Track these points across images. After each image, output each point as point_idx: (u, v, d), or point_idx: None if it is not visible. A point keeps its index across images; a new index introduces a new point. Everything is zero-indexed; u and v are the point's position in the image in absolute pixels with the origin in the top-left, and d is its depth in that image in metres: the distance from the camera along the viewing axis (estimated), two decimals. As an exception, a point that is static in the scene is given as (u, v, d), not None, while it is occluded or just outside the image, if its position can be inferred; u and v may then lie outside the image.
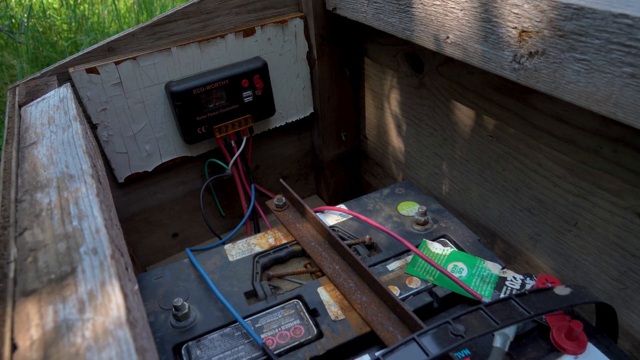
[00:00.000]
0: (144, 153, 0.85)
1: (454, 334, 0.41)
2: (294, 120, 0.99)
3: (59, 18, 2.88)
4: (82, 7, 2.85)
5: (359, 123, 1.06)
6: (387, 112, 0.95)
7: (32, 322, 0.32)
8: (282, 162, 1.08)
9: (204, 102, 0.83)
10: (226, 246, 0.68)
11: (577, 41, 0.45)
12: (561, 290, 0.47)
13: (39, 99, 0.66)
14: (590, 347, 0.51)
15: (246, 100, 0.87)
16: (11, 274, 0.36)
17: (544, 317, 0.53)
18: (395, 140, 0.96)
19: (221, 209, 1.03)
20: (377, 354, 0.41)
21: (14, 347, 0.31)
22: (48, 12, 2.87)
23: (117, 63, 0.75)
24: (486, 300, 0.56)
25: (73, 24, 2.70)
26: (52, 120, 0.59)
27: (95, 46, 0.75)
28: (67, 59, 0.74)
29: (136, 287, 0.43)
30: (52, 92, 0.67)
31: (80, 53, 0.74)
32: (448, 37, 0.61)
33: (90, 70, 0.74)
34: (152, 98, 0.81)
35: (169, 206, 0.97)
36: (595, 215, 0.60)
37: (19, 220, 0.42)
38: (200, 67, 0.83)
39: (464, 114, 0.75)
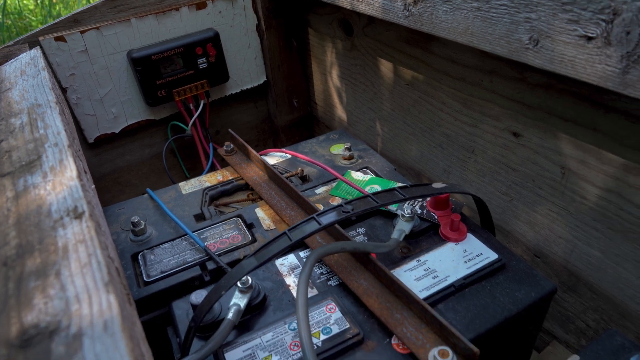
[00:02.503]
0: (111, 115, 0.96)
1: (344, 211, 0.53)
2: (248, 87, 1.10)
3: (34, 19, 2.95)
4: (57, 7, 2.93)
5: (309, 90, 1.18)
6: (330, 77, 1.07)
7: (7, 188, 0.43)
8: (241, 128, 1.19)
9: (162, 67, 0.93)
10: (180, 183, 0.79)
11: (442, -14, 0.57)
12: (437, 185, 0.59)
13: (12, 60, 0.76)
14: (470, 236, 0.62)
15: (201, 66, 0.97)
16: (-10, 167, 0.47)
17: (436, 217, 0.65)
18: (338, 102, 1.08)
19: (185, 171, 1.13)
20: (285, 230, 0.52)
21: (-7, 203, 0.41)
22: (24, 14, 2.93)
23: (82, 32, 0.86)
24: (392, 209, 0.67)
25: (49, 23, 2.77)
26: (24, 73, 0.69)
27: (63, 18, 0.85)
28: (37, 30, 0.84)
29: (93, 186, 0.53)
30: (24, 54, 0.77)
31: (48, 24, 0.85)
32: (360, -4, 0.72)
33: (58, 39, 0.84)
34: (116, 65, 0.92)
35: (137, 167, 1.07)
36: (485, 139, 0.72)
37: (-4, 137, 0.53)
38: (158, 36, 0.94)
39: (386, 68, 0.87)
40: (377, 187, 0.72)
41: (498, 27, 0.52)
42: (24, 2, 3.10)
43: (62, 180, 0.41)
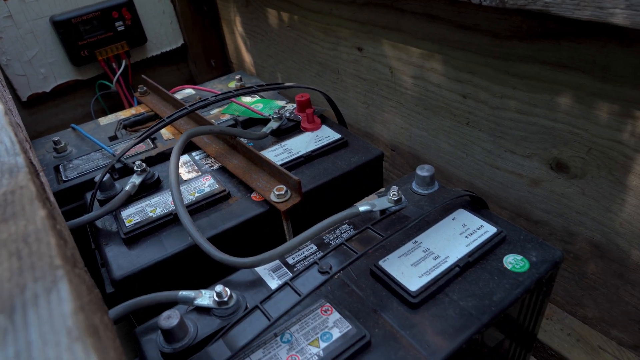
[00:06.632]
0: (40, 75, 1.09)
1: (208, 101, 0.69)
2: (167, 50, 1.25)
3: None
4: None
5: (224, 50, 1.33)
6: (237, 35, 1.23)
7: None
8: (166, 89, 1.33)
9: (82, 30, 1.07)
10: (99, 118, 0.93)
11: None
12: (287, 83, 0.75)
13: (-57, 22, 0.89)
14: (324, 127, 0.79)
15: (119, 28, 1.12)
16: None
17: (300, 116, 0.81)
18: (247, 57, 1.23)
19: (118, 128, 1.27)
20: (166, 117, 0.67)
21: None
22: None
23: (5, 0, 0.99)
24: (267, 115, 0.84)
25: None
26: (-48, 27, 0.82)
27: (-13, -11, 0.98)
28: (-34, 0, 0.97)
29: (20, 120, 0.68)
30: (-47, 17, 0.90)
31: (-25, -6, 0.98)
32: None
33: (-16, 6, 0.97)
34: (40, 29, 1.05)
35: (72, 126, 1.20)
36: (343, 59, 0.89)
37: None
38: (77, 3, 1.08)
39: (273, 16, 1.03)
40: (260, 105, 0.89)
41: (315, -46, 0.69)
42: None
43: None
